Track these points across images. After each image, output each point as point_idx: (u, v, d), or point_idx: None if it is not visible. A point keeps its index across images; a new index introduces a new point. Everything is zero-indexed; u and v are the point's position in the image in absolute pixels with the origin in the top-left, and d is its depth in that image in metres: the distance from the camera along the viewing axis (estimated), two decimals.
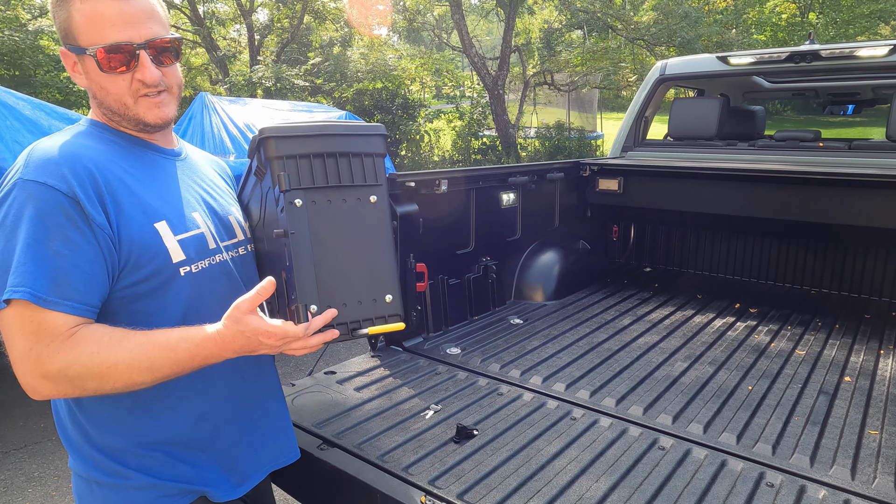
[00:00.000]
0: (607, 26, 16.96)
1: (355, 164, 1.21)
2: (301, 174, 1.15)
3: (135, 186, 1.17)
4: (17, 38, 13.23)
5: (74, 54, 1.17)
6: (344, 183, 1.19)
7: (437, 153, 15.88)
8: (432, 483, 1.58)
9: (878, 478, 1.65)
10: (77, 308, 1.05)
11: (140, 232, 1.14)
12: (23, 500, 3.06)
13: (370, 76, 14.76)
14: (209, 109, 6.44)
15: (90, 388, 1.06)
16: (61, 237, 1.04)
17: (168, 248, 1.18)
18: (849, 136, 4.32)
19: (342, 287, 1.15)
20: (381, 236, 1.21)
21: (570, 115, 17.75)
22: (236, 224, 1.40)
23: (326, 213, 1.16)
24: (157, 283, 1.17)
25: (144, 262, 1.15)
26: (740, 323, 2.97)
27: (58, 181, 1.06)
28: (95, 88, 1.19)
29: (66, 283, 1.04)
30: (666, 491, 1.57)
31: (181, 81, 1.28)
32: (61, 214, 1.05)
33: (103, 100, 1.19)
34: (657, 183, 3.65)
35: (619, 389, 2.18)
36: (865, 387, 2.24)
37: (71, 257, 1.05)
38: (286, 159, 1.15)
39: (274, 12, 19.12)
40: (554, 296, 3.30)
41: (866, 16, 19.00)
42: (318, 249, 1.14)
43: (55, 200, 1.05)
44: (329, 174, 1.18)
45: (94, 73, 1.16)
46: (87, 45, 1.14)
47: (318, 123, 1.21)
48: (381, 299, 1.20)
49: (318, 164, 1.17)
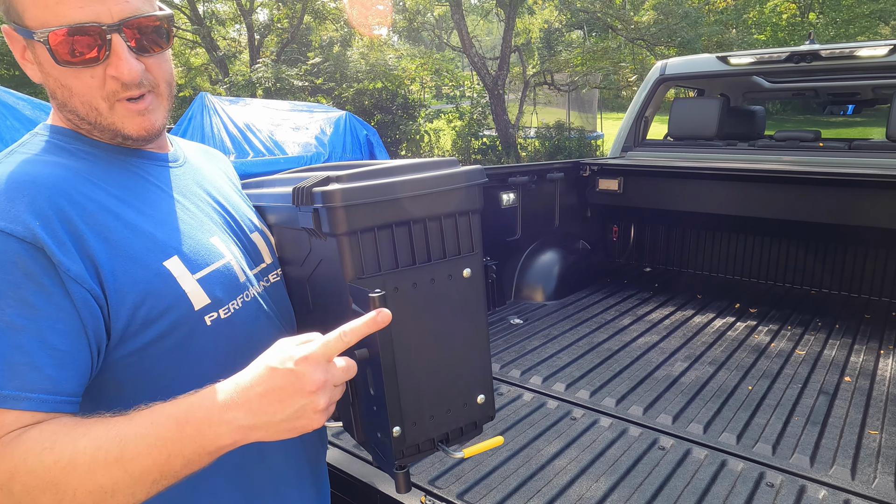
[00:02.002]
0: (607, 26, 16.96)
1: (448, 229, 0.89)
2: (381, 254, 0.84)
3: (126, 214, 0.84)
4: None
5: (22, 37, 0.82)
6: (434, 258, 0.88)
7: (437, 153, 15.90)
8: (432, 483, 1.58)
9: (878, 478, 1.65)
10: (45, 402, 0.71)
11: (146, 276, 0.81)
12: None
13: (370, 76, 14.78)
14: (209, 109, 6.45)
15: (42, 501, 0.68)
16: (15, 302, 0.72)
17: (186, 291, 0.85)
18: (849, 136, 4.32)
19: (428, 395, 0.88)
20: (475, 322, 0.92)
21: (570, 115, 17.74)
22: (263, 244, 1.06)
23: (412, 302, 0.85)
24: (177, 341, 0.84)
25: (155, 316, 0.82)
26: (740, 323, 2.97)
27: (9, 223, 0.73)
28: (54, 86, 0.84)
29: (25, 367, 0.71)
30: (666, 491, 1.57)
31: (172, 77, 0.92)
32: (15, 270, 0.73)
33: (66, 101, 0.85)
34: (657, 183, 3.65)
35: (619, 389, 2.18)
36: (865, 387, 2.24)
37: (31, 329, 0.72)
38: (361, 235, 0.82)
39: (274, 12, 19.14)
40: (554, 296, 3.30)
41: (866, 16, 18.99)
42: (405, 356, 0.83)
43: (5, 251, 0.72)
44: (417, 249, 0.86)
45: (49, 65, 0.81)
46: (37, 26, 0.79)
47: (396, 169, 0.87)
48: (473, 402, 0.93)
49: (403, 237, 0.85)
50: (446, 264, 0.88)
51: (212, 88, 18.07)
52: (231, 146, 6.11)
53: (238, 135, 6.15)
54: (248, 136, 6.13)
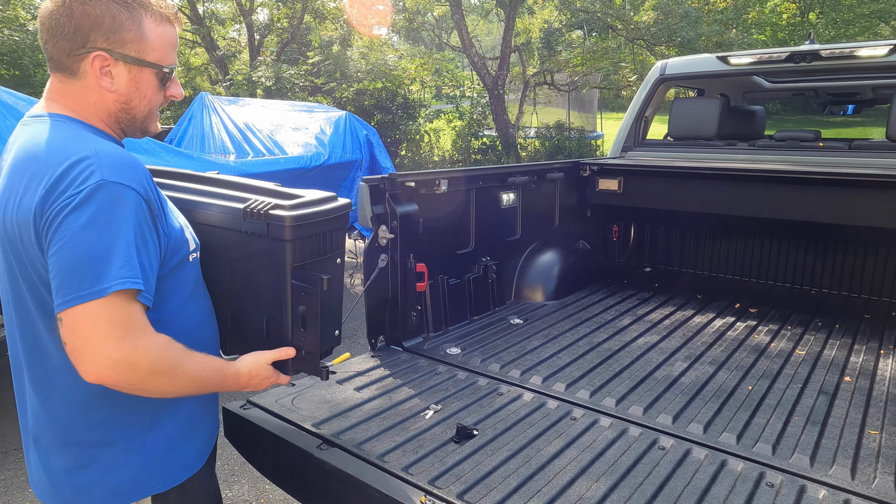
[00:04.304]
0: (607, 26, 16.95)
1: (333, 236, 1.50)
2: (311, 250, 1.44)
3: None
4: (16, 38, 13.24)
5: (124, 63, 1.21)
6: (328, 252, 1.49)
7: (437, 153, 15.87)
8: (432, 483, 1.58)
9: (878, 478, 1.65)
10: (149, 300, 1.15)
11: (175, 227, 1.27)
12: (23, 499, 3.06)
13: (370, 76, 14.75)
14: (209, 109, 6.44)
15: (158, 384, 1.15)
16: (144, 237, 1.14)
17: (188, 238, 1.32)
18: (849, 136, 4.32)
19: (329, 328, 1.47)
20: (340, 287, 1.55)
21: (570, 115, 17.73)
22: None
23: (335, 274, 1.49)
24: (179, 267, 1.29)
25: (173, 252, 1.26)
26: (740, 323, 2.97)
27: (137, 185, 1.14)
28: (131, 94, 1.24)
29: (148, 279, 1.14)
30: (666, 491, 1.57)
31: None
32: (145, 215, 1.15)
33: (134, 107, 1.26)
34: (657, 183, 3.65)
35: (619, 389, 2.18)
36: (865, 387, 2.24)
37: (148, 255, 1.15)
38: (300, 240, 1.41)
39: (274, 12, 19.13)
40: (554, 296, 3.30)
41: (866, 16, 19.00)
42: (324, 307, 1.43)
43: (138, 203, 1.13)
44: (325, 247, 1.47)
45: (146, 85, 1.25)
46: (155, 61, 1.24)
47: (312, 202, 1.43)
48: (335, 332, 1.49)
49: (318, 241, 1.44)
50: (335, 255, 1.49)
51: (212, 88, 18.05)
52: (231, 146, 6.10)
53: (238, 135, 6.14)
54: (248, 136, 6.13)
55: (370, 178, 2.43)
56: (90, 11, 1.16)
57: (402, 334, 2.56)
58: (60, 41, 1.17)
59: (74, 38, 1.16)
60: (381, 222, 2.45)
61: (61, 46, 1.18)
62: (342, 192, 5.51)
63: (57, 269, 1.07)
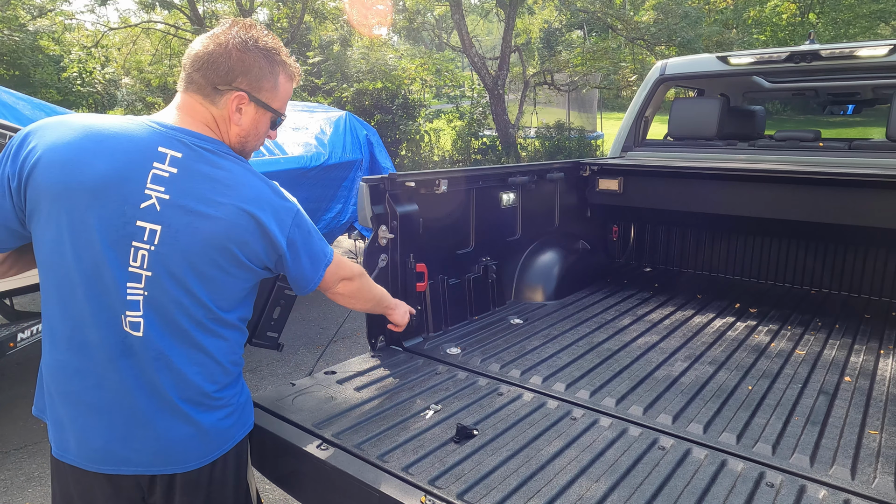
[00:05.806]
0: (607, 26, 16.96)
1: None
2: None
3: None
4: (16, 38, 13.24)
5: (255, 105, 1.46)
6: None
7: (437, 153, 15.86)
8: (432, 483, 1.58)
9: (878, 478, 1.65)
10: None
11: None
12: (23, 500, 3.06)
13: (370, 76, 14.76)
14: None
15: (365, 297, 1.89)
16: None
17: None
18: (849, 136, 4.32)
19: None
20: None
21: (570, 115, 17.72)
22: None
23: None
24: None
25: None
26: (740, 323, 2.97)
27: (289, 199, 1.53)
28: (250, 130, 1.48)
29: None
30: (666, 491, 1.57)
31: None
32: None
33: (247, 139, 1.50)
34: (657, 183, 3.65)
35: (619, 389, 2.18)
36: (865, 387, 2.24)
37: None
38: None
39: (274, 12, 19.14)
40: (554, 296, 3.30)
41: (866, 16, 19.00)
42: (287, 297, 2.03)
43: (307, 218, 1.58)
44: None
45: (263, 126, 1.51)
46: (277, 108, 1.51)
47: None
48: None
49: None
50: None
51: None
52: None
53: None
54: None
55: (370, 178, 2.43)
56: (245, 59, 1.40)
57: (402, 334, 2.56)
58: (211, 74, 1.39)
59: (225, 76, 1.39)
60: (381, 222, 2.45)
61: (210, 78, 1.39)
62: (342, 192, 5.50)
63: None
